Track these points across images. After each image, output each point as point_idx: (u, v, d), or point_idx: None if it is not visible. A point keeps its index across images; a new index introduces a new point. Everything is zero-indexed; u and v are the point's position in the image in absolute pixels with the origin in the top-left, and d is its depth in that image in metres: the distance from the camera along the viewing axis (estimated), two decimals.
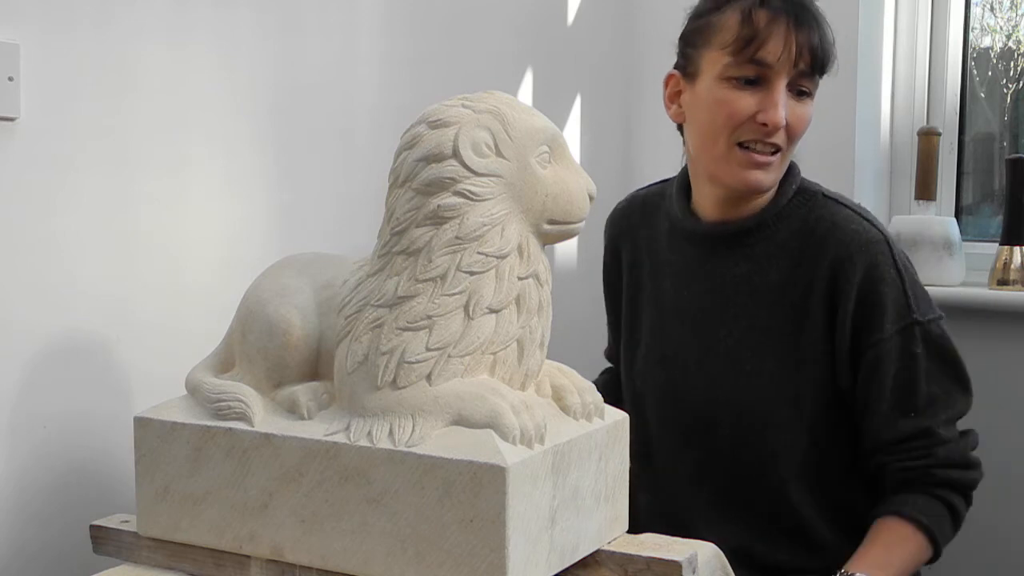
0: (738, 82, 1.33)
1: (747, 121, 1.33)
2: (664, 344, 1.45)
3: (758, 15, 1.31)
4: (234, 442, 1.04)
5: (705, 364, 1.40)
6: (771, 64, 1.31)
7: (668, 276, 1.46)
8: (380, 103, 1.75)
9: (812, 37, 1.32)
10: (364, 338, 0.99)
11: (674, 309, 1.44)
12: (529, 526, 0.95)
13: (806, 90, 1.35)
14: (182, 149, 1.47)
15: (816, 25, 1.33)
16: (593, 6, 2.20)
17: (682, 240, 1.45)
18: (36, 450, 1.33)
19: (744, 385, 1.37)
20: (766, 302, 1.37)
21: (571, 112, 2.18)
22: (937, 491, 1.34)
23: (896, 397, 1.33)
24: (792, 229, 1.37)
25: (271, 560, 1.04)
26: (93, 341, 1.38)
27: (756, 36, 1.31)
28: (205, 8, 1.49)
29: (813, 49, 1.32)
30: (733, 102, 1.33)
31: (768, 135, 1.33)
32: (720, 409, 1.39)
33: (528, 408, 0.97)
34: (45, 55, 1.31)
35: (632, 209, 1.55)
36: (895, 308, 1.32)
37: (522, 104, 1.03)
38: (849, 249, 1.33)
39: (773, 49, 1.31)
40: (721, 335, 1.39)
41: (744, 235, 1.39)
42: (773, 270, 1.37)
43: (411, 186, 0.99)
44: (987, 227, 2.23)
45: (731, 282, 1.39)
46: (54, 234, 1.33)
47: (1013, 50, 2.21)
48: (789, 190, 1.39)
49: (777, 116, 1.32)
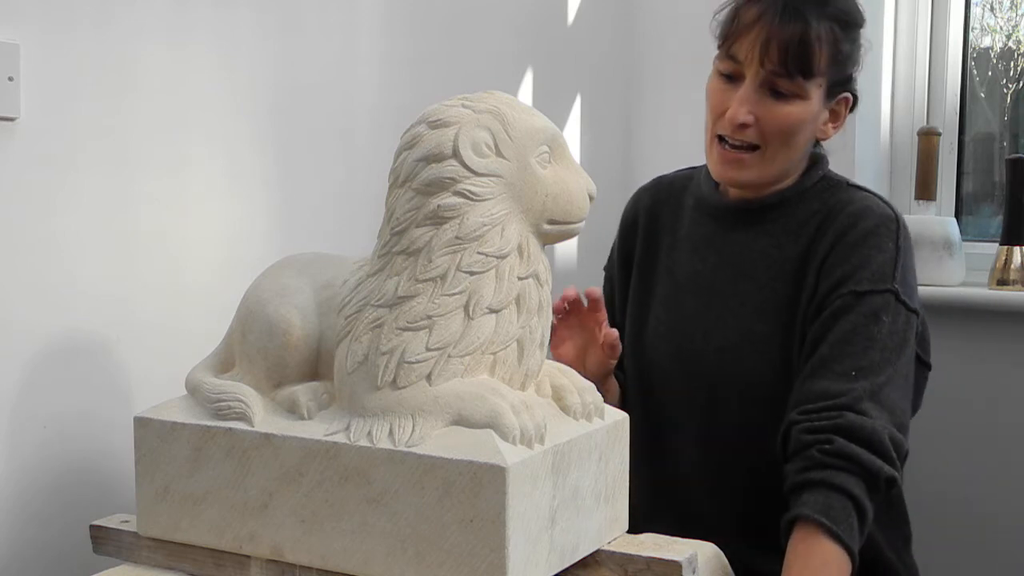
0: (722, 75, 1.38)
1: (720, 116, 1.37)
2: (675, 315, 1.46)
3: (746, 11, 1.34)
4: (234, 442, 1.04)
5: (715, 334, 1.41)
6: (740, 60, 1.35)
7: (686, 250, 1.47)
8: (380, 103, 1.75)
9: (790, 38, 1.32)
10: (364, 338, 0.99)
11: (689, 281, 1.46)
12: (529, 526, 0.95)
13: (781, 91, 1.35)
14: (182, 149, 1.47)
15: (802, 26, 1.32)
16: (593, 6, 2.20)
17: (705, 215, 1.47)
18: (36, 450, 1.33)
19: (751, 354, 1.38)
20: (780, 275, 1.38)
21: (571, 112, 2.18)
22: (833, 473, 1.22)
23: (840, 351, 1.29)
24: (812, 209, 1.40)
25: (271, 560, 1.04)
26: (93, 341, 1.38)
27: (732, 34, 1.35)
28: (205, 8, 1.49)
29: (786, 48, 1.32)
30: (714, 95, 1.39)
31: (734, 131, 1.36)
32: (728, 378, 1.40)
33: (528, 408, 0.97)
34: (45, 55, 1.31)
35: (659, 188, 1.56)
36: (879, 271, 1.32)
37: (522, 104, 1.03)
38: (855, 216, 1.35)
39: (743, 46, 1.34)
40: (733, 306, 1.41)
41: (766, 211, 1.42)
42: (790, 245, 1.39)
43: (411, 186, 0.99)
44: (987, 227, 2.23)
45: (748, 255, 1.41)
46: (54, 234, 1.33)
47: (1013, 50, 2.21)
48: (815, 175, 1.42)
49: (733, 112, 1.35)
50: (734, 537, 1.28)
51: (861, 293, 1.31)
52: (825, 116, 1.40)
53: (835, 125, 1.43)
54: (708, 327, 1.42)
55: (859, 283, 1.31)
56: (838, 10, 1.36)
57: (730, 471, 1.40)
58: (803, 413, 1.28)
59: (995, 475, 2.00)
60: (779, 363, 1.37)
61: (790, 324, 1.37)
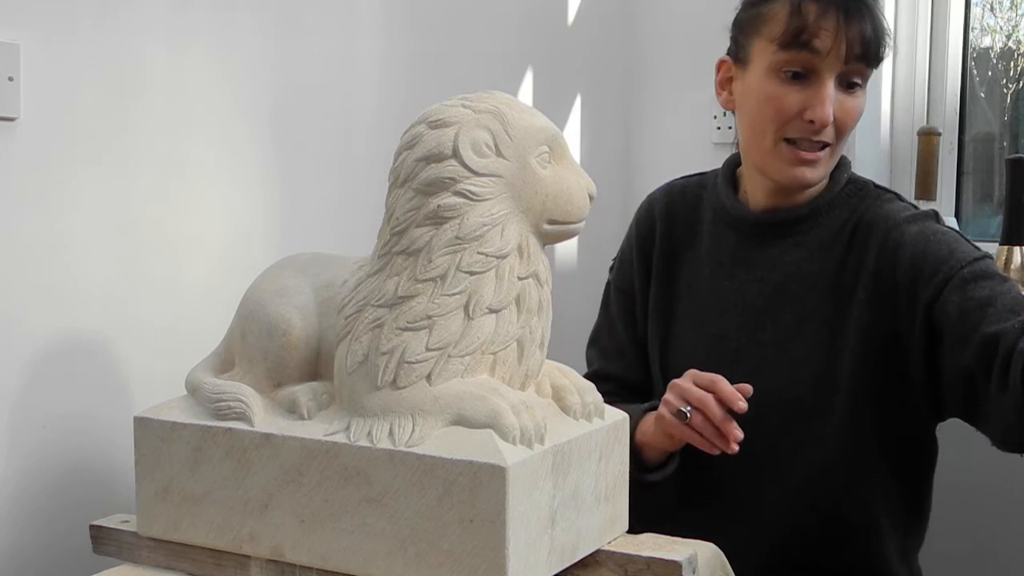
0: (786, 76, 1.31)
1: (794, 118, 1.31)
2: (700, 334, 1.42)
3: (808, 7, 1.28)
4: (234, 442, 1.04)
5: (748, 354, 1.37)
6: (821, 57, 1.29)
7: (709, 265, 1.43)
8: (380, 103, 1.75)
9: (864, 27, 1.29)
10: (364, 338, 0.99)
11: (713, 298, 1.41)
12: (529, 526, 0.95)
13: (858, 82, 1.32)
14: (182, 149, 1.47)
15: (868, 14, 1.30)
16: (593, 6, 2.20)
17: (728, 228, 1.42)
18: (36, 450, 1.33)
19: (788, 373, 1.34)
20: (816, 290, 1.34)
21: (571, 112, 2.18)
22: None
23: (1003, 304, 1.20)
24: (844, 218, 1.36)
25: (271, 560, 1.04)
26: (93, 341, 1.38)
27: (805, 29, 1.28)
28: (205, 9, 1.49)
29: (865, 39, 1.29)
30: (781, 98, 1.31)
31: (815, 132, 1.31)
32: (764, 398, 1.32)
33: (528, 408, 0.97)
34: (45, 55, 1.31)
35: (671, 196, 1.50)
36: (959, 249, 1.26)
37: (522, 104, 1.03)
38: (897, 220, 1.31)
39: (823, 42, 1.28)
40: (767, 324, 1.37)
41: (796, 223, 1.37)
42: (827, 258, 1.35)
43: (411, 186, 0.99)
44: (987, 227, 2.23)
45: (781, 270, 1.37)
46: (53, 234, 1.33)
47: (1013, 50, 2.21)
48: (841, 178, 1.38)
49: (824, 114, 1.29)
50: (762, 556, 1.27)
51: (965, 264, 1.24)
52: None
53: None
54: (739, 345, 1.38)
55: (949, 266, 1.25)
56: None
57: (762, 488, 1.37)
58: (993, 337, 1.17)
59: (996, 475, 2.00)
60: (816, 379, 1.33)
61: (835, 339, 1.33)
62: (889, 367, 1.31)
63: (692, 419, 1.26)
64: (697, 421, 1.26)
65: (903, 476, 1.39)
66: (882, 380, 1.32)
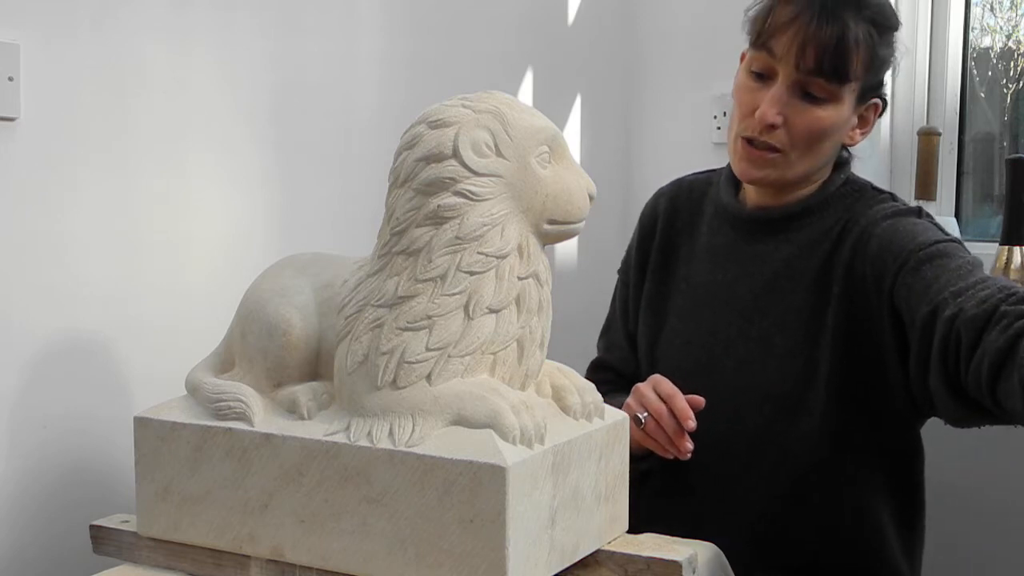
0: (752, 74, 1.34)
1: (748, 115, 1.34)
2: (692, 326, 1.44)
3: (781, 10, 1.30)
4: (234, 442, 1.04)
5: (735, 347, 1.39)
6: (777, 60, 1.31)
7: (704, 260, 1.45)
8: (380, 103, 1.75)
9: (827, 40, 1.28)
10: (364, 338, 0.99)
11: (707, 292, 1.43)
12: (529, 526, 0.95)
13: (815, 95, 1.31)
14: (182, 149, 1.47)
15: (842, 28, 1.28)
16: (593, 6, 2.20)
17: (725, 224, 1.44)
18: (36, 450, 1.33)
19: (774, 367, 1.36)
20: (803, 286, 1.36)
21: (571, 112, 2.18)
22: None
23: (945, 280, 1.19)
24: (836, 217, 1.37)
25: (271, 560, 1.04)
26: (93, 341, 1.38)
27: (767, 30, 1.31)
28: (205, 9, 1.49)
29: (823, 52, 1.28)
30: (743, 94, 1.35)
31: (760, 132, 1.32)
32: (749, 391, 1.36)
33: (528, 408, 0.97)
34: (45, 55, 1.31)
35: (678, 192, 1.53)
36: (921, 236, 1.26)
37: (522, 104, 1.03)
38: (875, 217, 1.32)
39: (780, 46, 1.30)
40: (755, 318, 1.38)
41: (788, 220, 1.39)
42: (815, 255, 1.36)
43: (411, 186, 0.99)
44: (987, 227, 2.23)
45: (770, 266, 1.39)
46: (53, 234, 1.33)
47: (1013, 50, 2.21)
48: (837, 179, 1.39)
49: (763, 112, 1.31)
50: (744, 548, 1.27)
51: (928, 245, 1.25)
52: (854, 122, 1.37)
53: (863, 131, 1.39)
54: (728, 339, 1.40)
55: (914, 243, 1.25)
56: (875, 12, 1.32)
57: (746, 481, 1.38)
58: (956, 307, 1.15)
59: (995, 475, 2.00)
60: (802, 374, 1.34)
61: (816, 334, 1.34)
62: (867, 362, 1.32)
63: (647, 425, 1.29)
64: (651, 427, 1.29)
65: (892, 471, 1.39)
66: (862, 375, 1.32)
